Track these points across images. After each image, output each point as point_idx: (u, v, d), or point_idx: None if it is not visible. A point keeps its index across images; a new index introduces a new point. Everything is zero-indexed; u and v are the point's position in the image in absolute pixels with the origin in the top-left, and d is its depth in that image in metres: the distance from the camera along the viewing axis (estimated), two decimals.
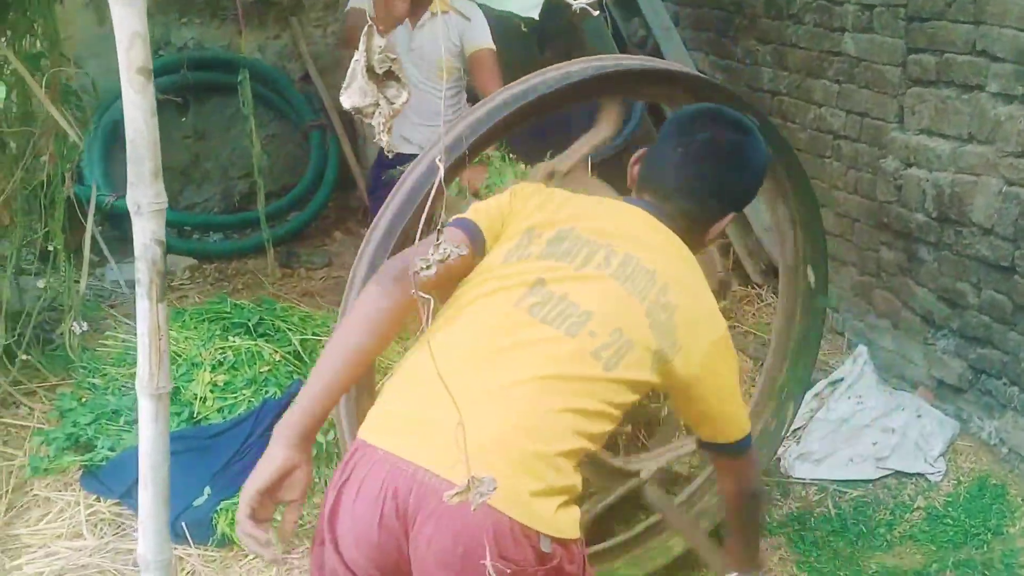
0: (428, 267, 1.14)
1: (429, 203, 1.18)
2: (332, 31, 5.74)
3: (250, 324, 3.36)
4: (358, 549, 1.55)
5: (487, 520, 1.47)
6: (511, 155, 2.97)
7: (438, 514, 1.48)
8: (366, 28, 1.12)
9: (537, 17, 1.66)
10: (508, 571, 1.46)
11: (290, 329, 3.41)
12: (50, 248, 3.44)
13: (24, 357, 3.46)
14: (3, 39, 3.04)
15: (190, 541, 2.83)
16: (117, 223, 4.78)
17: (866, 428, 3.60)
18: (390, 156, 1.15)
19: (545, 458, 1.54)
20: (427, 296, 1.15)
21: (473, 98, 3.67)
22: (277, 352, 3.26)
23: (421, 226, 1.28)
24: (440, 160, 1.13)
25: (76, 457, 3.08)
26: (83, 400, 3.21)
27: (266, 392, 3.11)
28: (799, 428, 3.65)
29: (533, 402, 1.55)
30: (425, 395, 1.55)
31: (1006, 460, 3.48)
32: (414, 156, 2.34)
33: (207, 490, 2.94)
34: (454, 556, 1.48)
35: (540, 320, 1.63)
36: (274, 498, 1.62)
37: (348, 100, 1.13)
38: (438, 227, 1.16)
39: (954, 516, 3.28)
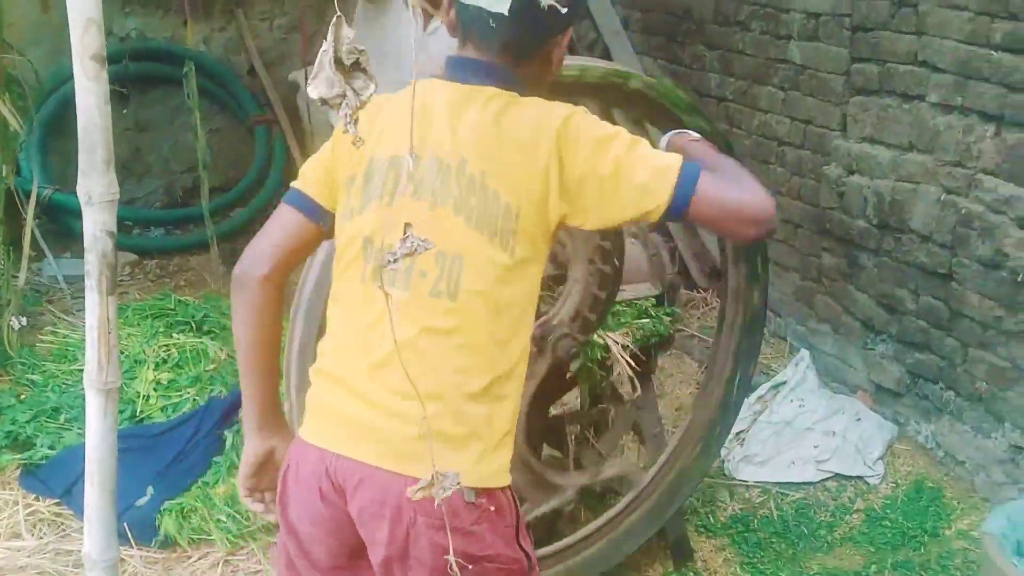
0: (395, 260, 1.14)
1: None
2: (278, 24, 5.68)
3: (195, 321, 3.32)
4: (312, 525, 1.63)
5: (404, 484, 1.48)
6: None
7: (364, 484, 1.55)
8: (335, 19, 1.11)
9: (507, 12, 1.56)
10: (436, 524, 1.51)
11: None
12: None
13: None
14: None
15: (132, 542, 2.78)
16: (55, 216, 4.68)
17: (808, 431, 3.66)
18: (358, 146, 1.14)
19: (443, 415, 1.53)
20: (389, 292, 1.15)
21: None
22: (223, 350, 3.22)
23: None
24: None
25: (14, 456, 3.01)
26: (22, 397, 3.14)
27: (211, 390, 3.08)
28: (743, 431, 3.70)
29: (408, 368, 1.48)
30: (332, 389, 1.63)
31: (942, 463, 3.57)
32: None
33: (150, 490, 2.89)
34: (384, 520, 1.55)
35: (387, 284, 1.53)
36: (265, 479, 1.78)
37: (315, 90, 1.12)
38: (406, 223, 1.15)
39: (892, 518, 3.35)
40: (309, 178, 1.70)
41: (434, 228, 1.51)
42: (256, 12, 5.67)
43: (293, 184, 1.71)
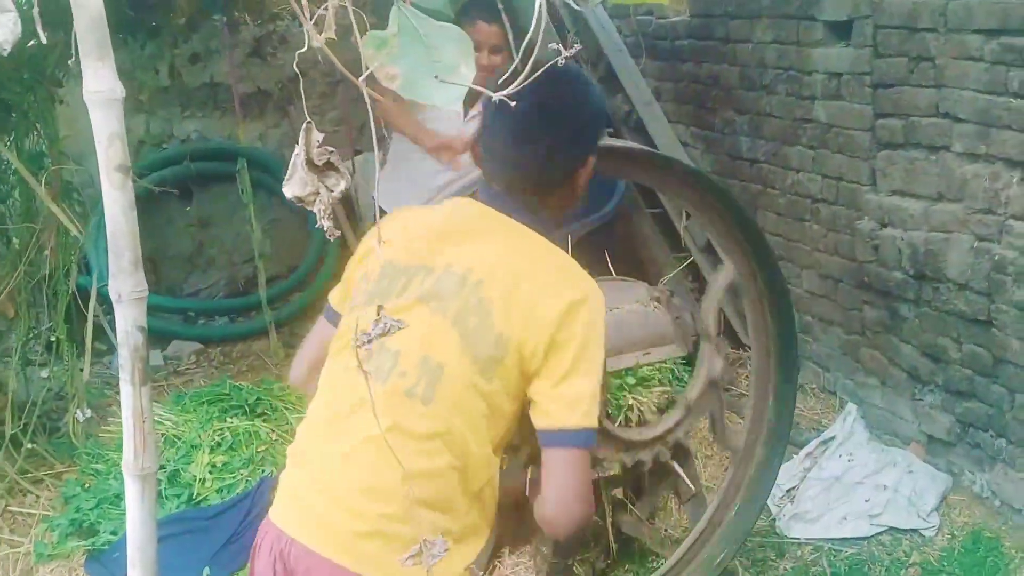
0: (368, 340, 1.24)
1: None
2: (329, 118, 5.94)
3: (248, 405, 3.46)
4: None
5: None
6: None
7: (311, 573, 1.58)
8: (304, 125, 1.23)
9: (459, 109, 1.65)
10: None
11: (287, 408, 3.51)
12: (53, 339, 3.56)
13: (30, 445, 3.56)
14: (6, 140, 3.20)
15: None
16: None
17: (858, 485, 3.64)
18: (332, 239, 1.26)
19: (395, 517, 1.54)
20: (367, 370, 1.24)
21: None
22: (274, 431, 3.36)
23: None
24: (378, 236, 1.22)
25: (80, 542, 3.16)
26: (87, 486, 3.30)
27: (263, 471, 3.19)
28: (793, 488, 3.69)
29: (369, 463, 1.57)
30: (298, 472, 1.70)
31: (999, 512, 3.50)
32: None
33: (206, 571, 3.00)
34: None
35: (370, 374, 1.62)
36: None
37: (290, 190, 1.24)
38: (379, 305, 1.25)
39: (949, 571, 3.30)
40: (336, 292, 1.84)
41: (426, 333, 1.59)
42: (308, 107, 5.92)
43: (327, 304, 1.85)
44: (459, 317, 1.60)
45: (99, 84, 1.52)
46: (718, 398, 2.78)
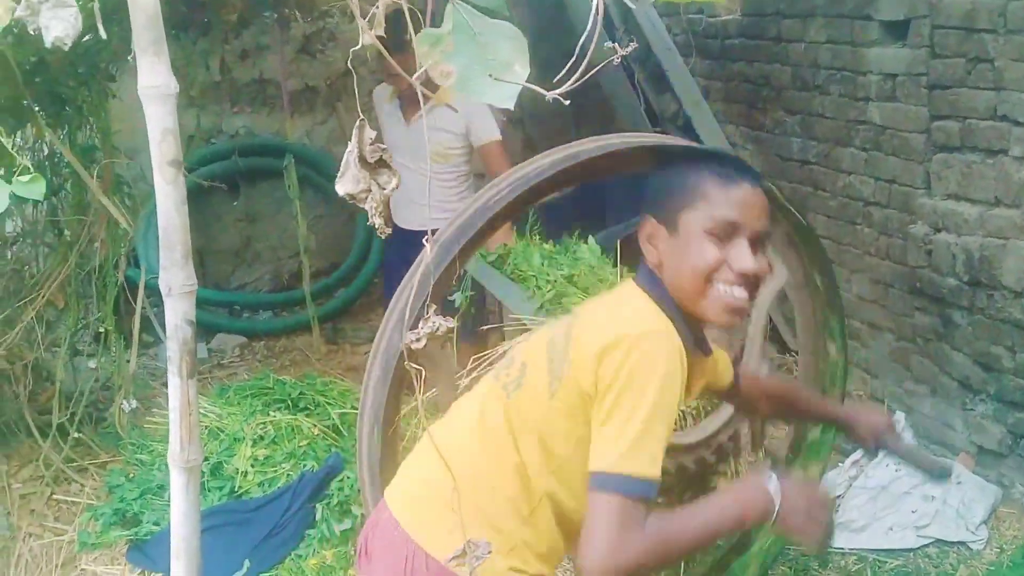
0: (418, 340, 1.23)
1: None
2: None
3: (291, 399, 3.47)
4: None
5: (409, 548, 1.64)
6: (537, 236, 3.06)
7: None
8: (358, 123, 1.22)
9: (512, 107, 1.61)
10: None
11: (330, 403, 3.51)
12: (102, 330, 3.60)
13: (76, 435, 3.61)
14: (59, 134, 3.25)
15: None
16: None
17: (905, 496, 3.57)
18: (383, 236, 1.25)
19: (486, 510, 1.61)
20: (418, 367, 1.23)
21: None
22: (316, 426, 3.36)
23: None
24: (428, 240, 1.22)
25: (123, 532, 3.18)
26: (131, 476, 3.33)
27: (304, 465, 3.20)
28: (838, 496, 3.63)
29: (470, 451, 1.66)
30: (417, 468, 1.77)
31: None
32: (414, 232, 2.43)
33: (247, 564, 3.01)
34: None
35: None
36: None
37: (343, 187, 1.23)
38: (424, 302, 1.24)
39: None
40: None
41: (533, 346, 1.70)
42: (354, 104, 5.95)
43: None
44: (555, 335, 1.65)
45: (154, 79, 1.53)
46: None
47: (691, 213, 1.59)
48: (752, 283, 1.59)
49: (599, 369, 1.50)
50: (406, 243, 2.72)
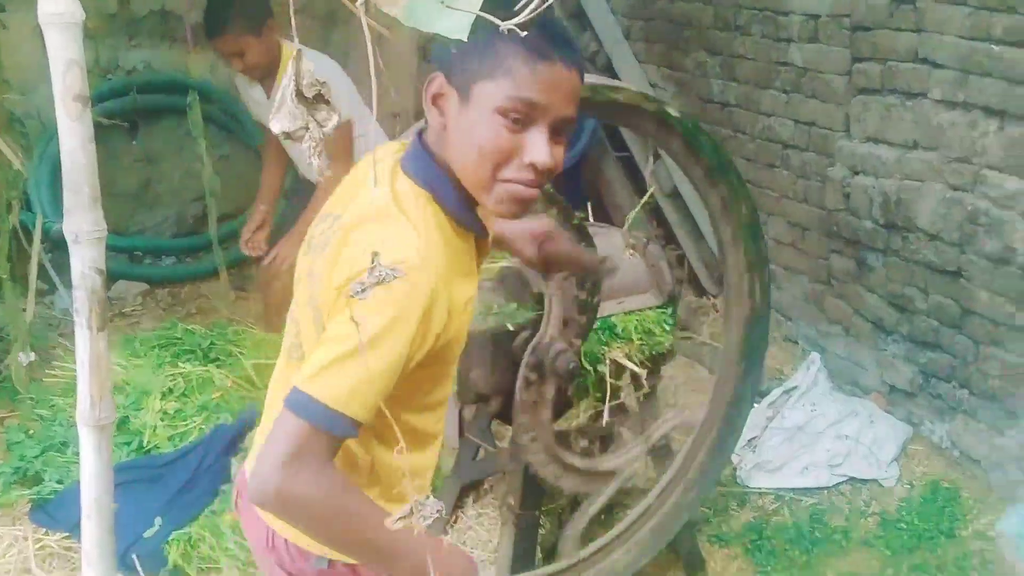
0: (363, 290, 1.14)
1: None
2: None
3: (201, 349, 3.32)
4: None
5: (265, 528, 1.57)
6: None
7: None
8: (295, 52, 1.11)
9: (466, 39, 1.41)
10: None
11: (242, 353, 3.38)
12: None
13: None
14: None
15: (141, 573, 2.78)
16: (66, 250, 4.71)
17: (820, 435, 3.63)
18: (321, 177, 1.14)
19: None
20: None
21: None
22: (229, 377, 3.22)
23: None
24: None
25: (24, 491, 3.00)
26: (30, 432, 3.14)
27: (218, 419, 3.07)
28: (755, 438, 3.68)
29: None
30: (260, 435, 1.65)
31: (958, 463, 3.53)
32: None
33: (158, 520, 2.88)
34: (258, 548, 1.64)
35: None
36: None
37: (278, 125, 1.12)
38: (374, 252, 1.15)
39: (908, 520, 3.32)
40: None
41: (297, 288, 1.58)
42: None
43: None
44: (313, 264, 1.46)
45: (57, 6, 1.40)
46: None
47: (488, 85, 1.35)
48: (545, 176, 1.40)
49: (336, 302, 1.34)
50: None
